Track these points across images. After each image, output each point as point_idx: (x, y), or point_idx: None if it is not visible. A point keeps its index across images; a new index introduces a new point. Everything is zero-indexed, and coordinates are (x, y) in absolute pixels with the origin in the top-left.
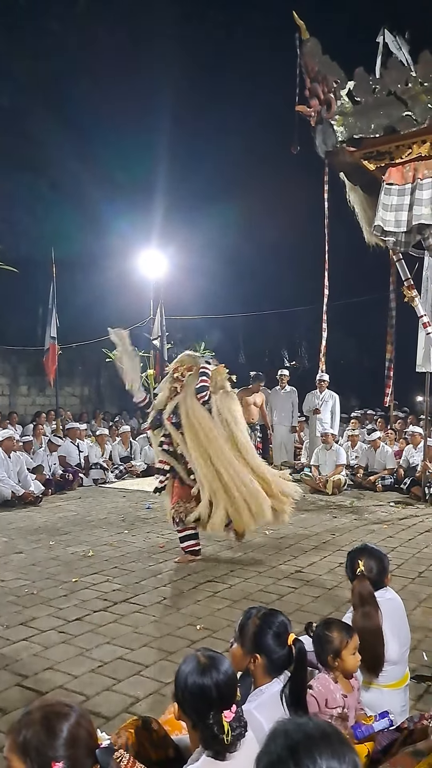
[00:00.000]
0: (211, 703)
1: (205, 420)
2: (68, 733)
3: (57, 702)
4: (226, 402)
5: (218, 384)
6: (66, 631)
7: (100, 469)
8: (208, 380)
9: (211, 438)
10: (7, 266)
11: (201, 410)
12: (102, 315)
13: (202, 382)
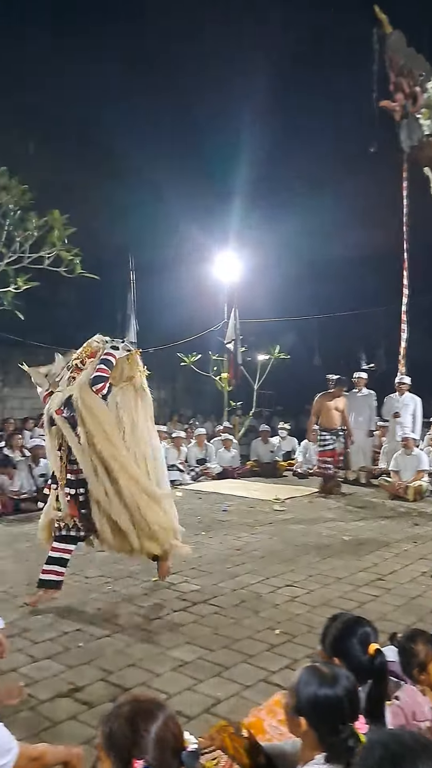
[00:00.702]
0: (343, 715)
1: (105, 417)
2: (154, 733)
3: (147, 699)
4: (126, 398)
5: (125, 374)
6: (147, 629)
7: (176, 470)
8: (107, 370)
9: (114, 441)
10: (89, 274)
11: (100, 406)
12: (177, 319)
13: (100, 371)
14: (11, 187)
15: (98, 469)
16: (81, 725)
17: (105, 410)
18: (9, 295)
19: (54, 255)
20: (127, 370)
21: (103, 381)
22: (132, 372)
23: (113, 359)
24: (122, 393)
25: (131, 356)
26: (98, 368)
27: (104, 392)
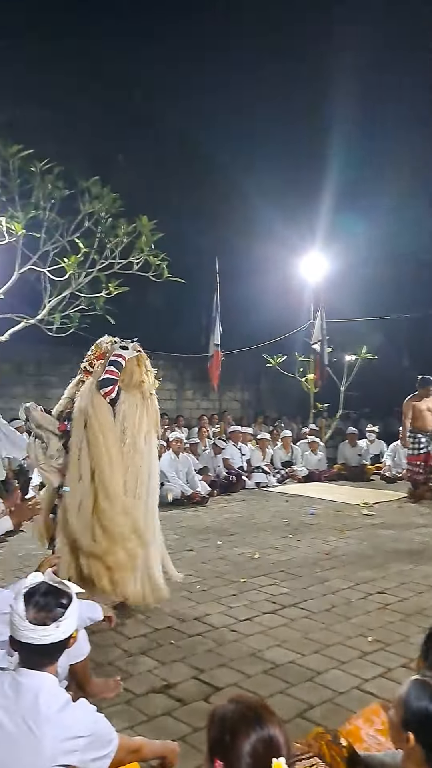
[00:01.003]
0: None
1: (105, 426)
2: (250, 746)
3: (260, 705)
4: (131, 406)
5: (134, 378)
6: (237, 630)
7: (262, 472)
8: (117, 372)
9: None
10: (176, 278)
11: (104, 412)
12: (262, 320)
13: (109, 373)
14: (103, 195)
15: (84, 477)
16: (175, 721)
17: (109, 418)
18: (101, 300)
19: (142, 260)
20: (137, 373)
21: (112, 384)
22: (141, 376)
23: (123, 361)
24: (129, 400)
25: (140, 358)
26: (107, 370)
27: (112, 396)
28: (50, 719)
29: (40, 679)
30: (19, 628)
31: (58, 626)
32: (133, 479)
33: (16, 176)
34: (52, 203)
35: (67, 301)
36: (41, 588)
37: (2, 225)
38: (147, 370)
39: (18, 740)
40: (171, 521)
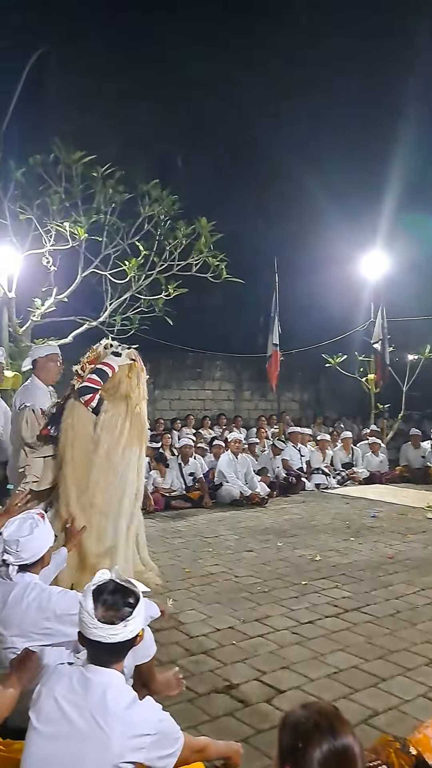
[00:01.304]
0: None
1: (82, 438)
2: (323, 755)
3: (334, 714)
4: (112, 418)
5: (121, 389)
6: (299, 633)
7: (321, 474)
8: (99, 381)
9: (76, 467)
10: (234, 278)
11: (84, 420)
12: (321, 320)
13: (89, 381)
14: (162, 198)
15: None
16: (238, 722)
17: (88, 428)
18: (160, 302)
19: (201, 261)
20: (125, 384)
21: (92, 392)
22: (128, 388)
23: (109, 370)
24: (112, 410)
25: (133, 367)
26: (88, 378)
27: (93, 405)
28: (118, 716)
29: (108, 676)
30: (88, 625)
31: (125, 625)
32: (102, 495)
33: (78, 182)
34: (113, 207)
35: (128, 304)
36: (109, 586)
37: (66, 230)
38: (138, 382)
39: (87, 735)
40: (230, 522)
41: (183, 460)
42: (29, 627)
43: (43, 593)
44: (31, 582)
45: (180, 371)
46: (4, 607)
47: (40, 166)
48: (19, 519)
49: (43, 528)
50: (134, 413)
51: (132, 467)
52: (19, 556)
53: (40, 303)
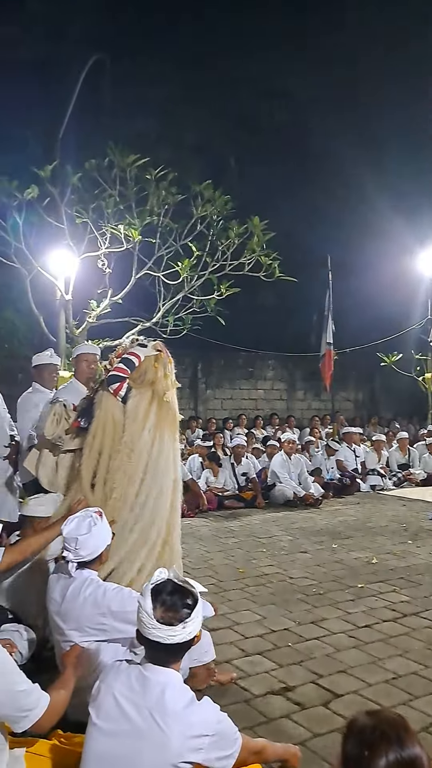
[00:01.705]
0: None
1: (113, 427)
2: (389, 765)
3: (401, 723)
4: (138, 405)
5: (147, 377)
6: (356, 637)
7: (377, 475)
8: (126, 369)
9: (112, 456)
10: (287, 277)
11: (115, 411)
12: (376, 318)
13: (117, 370)
14: (215, 198)
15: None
16: (294, 725)
17: (118, 417)
18: (212, 302)
19: (254, 261)
20: (151, 372)
21: (119, 381)
22: (154, 377)
23: (136, 359)
24: (137, 396)
25: (159, 357)
26: (116, 367)
27: (121, 393)
28: (177, 716)
29: (167, 675)
30: (147, 626)
31: (184, 627)
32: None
33: (133, 185)
34: (166, 209)
35: (180, 304)
36: (167, 586)
37: (120, 232)
38: (165, 372)
39: (145, 734)
40: (284, 522)
41: (236, 460)
42: (85, 622)
43: (98, 589)
44: (88, 578)
45: (232, 371)
46: (63, 602)
47: (95, 171)
48: (78, 517)
49: (101, 526)
50: (162, 400)
51: (164, 454)
52: (77, 554)
53: (95, 305)
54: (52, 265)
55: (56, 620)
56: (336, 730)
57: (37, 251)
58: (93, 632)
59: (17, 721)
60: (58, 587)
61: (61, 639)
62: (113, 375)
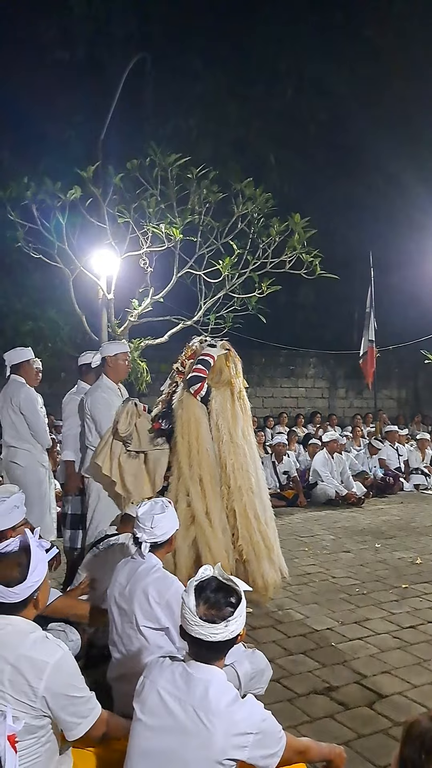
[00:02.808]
0: None
1: (198, 425)
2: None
3: None
4: (223, 404)
5: (223, 377)
6: (401, 638)
7: (421, 474)
8: (205, 370)
9: (201, 453)
10: (329, 274)
11: (197, 410)
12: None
13: (196, 371)
14: (256, 196)
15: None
16: (338, 725)
17: (203, 418)
18: (253, 300)
19: (295, 258)
20: (226, 371)
21: (200, 381)
22: (230, 375)
23: (211, 359)
24: (220, 396)
25: (229, 355)
26: (195, 368)
27: (202, 393)
28: (221, 713)
29: (210, 672)
30: (190, 622)
31: (227, 625)
32: (243, 475)
33: (174, 184)
34: (207, 207)
35: (221, 302)
36: (212, 584)
37: (162, 231)
38: (237, 372)
39: (190, 731)
40: (326, 521)
41: (277, 458)
42: (144, 603)
43: (166, 579)
44: (157, 564)
45: (273, 369)
46: (128, 583)
47: (137, 170)
48: (149, 502)
49: (172, 510)
50: (240, 398)
51: (254, 447)
52: (152, 533)
53: (137, 303)
54: (94, 264)
55: (120, 603)
56: (381, 732)
57: (80, 251)
58: (146, 615)
59: (72, 728)
60: (126, 570)
61: (126, 623)
62: (194, 376)
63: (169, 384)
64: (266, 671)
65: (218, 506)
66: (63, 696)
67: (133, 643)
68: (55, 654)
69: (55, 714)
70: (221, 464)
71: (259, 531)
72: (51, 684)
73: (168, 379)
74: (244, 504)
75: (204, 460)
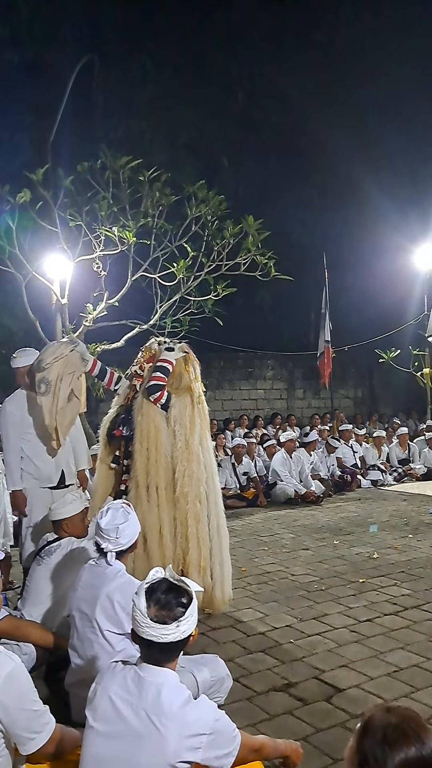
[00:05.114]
0: None
1: (158, 433)
2: (408, 762)
3: (419, 719)
4: (181, 411)
5: (183, 382)
6: (358, 631)
7: (377, 470)
8: (164, 377)
9: (159, 461)
10: (283, 276)
11: (157, 418)
12: (373, 315)
13: (155, 379)
14: (209, 198)
15: (147, 487)
16: (297, 721)
17: (162, 426)
18: (209, 303)
19: (249, 260)
20: (185, 377)
21: (160, 389)
22: (189, 380)
23: (170, 365)
24: (179, 403)
25: (188, 359)
26: (153, 376)
27: (162, 401)
28: (174, 715)
29: (162, 675)
30: (141, 624)
31: (178, 626)
32: (192, 483)
33: (126, 186)
34: (161, 210)
35: (177, 305)
36: (162, 585)
37: (115, 235)
38: (195, 376)
39: (142, 735)
40: (286, 520)
41: (236, 460)
42: (108, 607)
43: (132, 584)
44: (122, 569)
45: (231, 371)
46: (90, 588)
47: (88, 173)
48: (110, 509)
49: (134, 514)
50: (199, 404)
51: (210, 453)
52: (117, 543)
53: (91, 308)
54: (47, 269)
55: (82, 608)
56: (338, 725)
57: (32, 256)
58: (114, 621)
59: (24, 742)
60: (88, 574)
61: (87, 628)
62: (153, 385)
63: (128, 386)
64: (226, 680)
65: (171, 514)
66: (15, 710)
67: (94, 648)
68: (6, 666)
69: (7, 728)
70: (172, 470)
71: (198, 539)
72: (2, 698)
73: (125, 379)
74: (186, 512)
75: (161, 468)
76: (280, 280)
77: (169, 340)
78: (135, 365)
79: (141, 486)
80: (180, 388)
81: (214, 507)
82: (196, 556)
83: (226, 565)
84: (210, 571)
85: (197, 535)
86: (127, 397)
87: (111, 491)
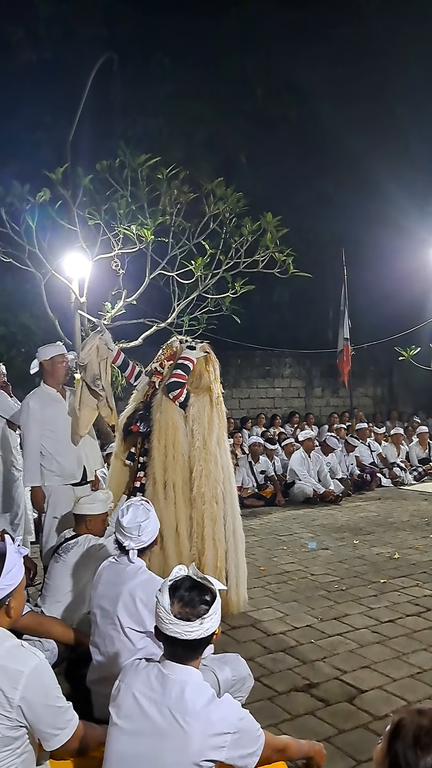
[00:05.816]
0: None
1: (176, 430)
2: None
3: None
4: (200, 410)
5: (203, 381)
6: (380, 632)
7: (398, 468)
8: (184, 375)
9: (177, 458)
10: (302, 273)
11: (176, 415)
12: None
13: (175, 377)
14: (227, 196)
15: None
16: (319, 722)
17: (180, 424)
18: (227, 300)
19: (267, 257)
20: (205, 376)
21: (180, 387)
22: (209, 380)
23: (190, 364)
24: (198, 403)
25: (209, 359)
26: (173, 374)
27: (181, 399)
28: (198, 713)
29: (186, 673)
30: (165, 621)
31: (202, 623)
32: (209, 483)
33: (144, 185)
34: (179, 208)
35: (195, 303)
36: (186, 582)
37: (133, 233)
38: (216, 375)
39: (166, 733)
40: (305, 519)
41: (253, 458)
42: (130, 605)
43: (153, 581)
44: (143, 566)
45: (249, 370)
46: (112, 585)
47: (106, 172)
48: (131, 507)
49: (154, 512)
50: (218, 404)
51: (228, 454)
52: (139, 540)
53: (110, 307)
54: (66, 267)
55: (103, 605)
56: (361, 726)
57: (51, 254)
58: (136, 619)
59: (48, 738)
60: (110, 571)
61: (109, 625)
62: (174, 382)
63: (147, 383)
64: (248, 680)
65: (187, 513)
66: (39, 706)
67: (115, 645)
68: (30, 663)
69: (31, 724)
70: (189, 469)
71: (214, 540)
72: (27, 694)
73: (145, 376)
74: (203, 512)
75: (179, 466)
76: (297, 277)
77: (190, 339)
78: (155, 362)
79: (158, 483)
80: (200, 388)
81: (231, 509)
82: (212, 557)
83: (242, 568)
84: (225, 573)
85: (213, 536)
86: (146, 394)
87: (125, 488)
